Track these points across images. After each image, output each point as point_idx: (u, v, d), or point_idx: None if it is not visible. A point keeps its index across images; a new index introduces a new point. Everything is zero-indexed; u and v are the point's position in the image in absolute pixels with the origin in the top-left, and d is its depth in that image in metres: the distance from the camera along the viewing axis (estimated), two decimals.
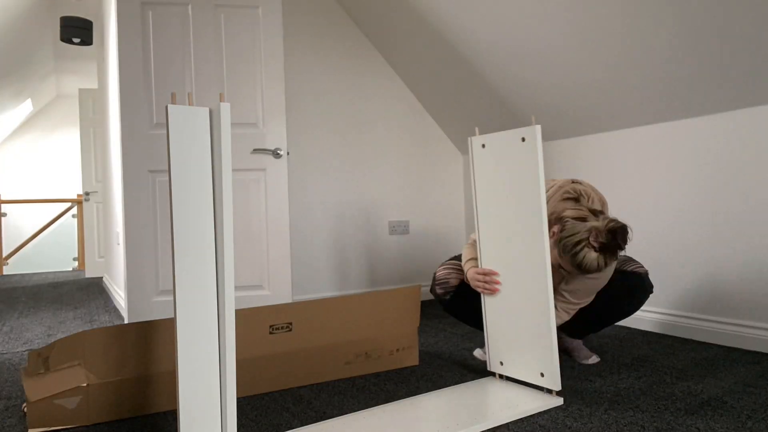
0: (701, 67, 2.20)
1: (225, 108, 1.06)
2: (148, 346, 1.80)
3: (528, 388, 1.77)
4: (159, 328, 1.81)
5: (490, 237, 1.83)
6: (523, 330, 1.75)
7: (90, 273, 5.58)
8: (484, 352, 2.10)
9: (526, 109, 3.07)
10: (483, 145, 1.80)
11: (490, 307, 1.86)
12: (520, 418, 1.56)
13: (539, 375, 1.70)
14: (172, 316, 2.58)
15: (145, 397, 1.80)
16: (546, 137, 3.15)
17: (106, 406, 1.74)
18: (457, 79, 3.31)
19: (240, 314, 1.88)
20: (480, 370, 2.03)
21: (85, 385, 1.71)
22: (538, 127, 1.63)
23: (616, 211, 2.76)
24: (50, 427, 1.70)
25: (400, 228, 3.68)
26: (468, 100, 3.38)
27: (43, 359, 1.68)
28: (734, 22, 1.97)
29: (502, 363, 1.84)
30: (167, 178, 2.75)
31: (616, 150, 2.76)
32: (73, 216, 7.07)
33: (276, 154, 2.89)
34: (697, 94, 2.30)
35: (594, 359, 2.09)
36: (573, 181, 1.90)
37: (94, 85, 7.14)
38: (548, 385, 1.67)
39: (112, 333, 1.76)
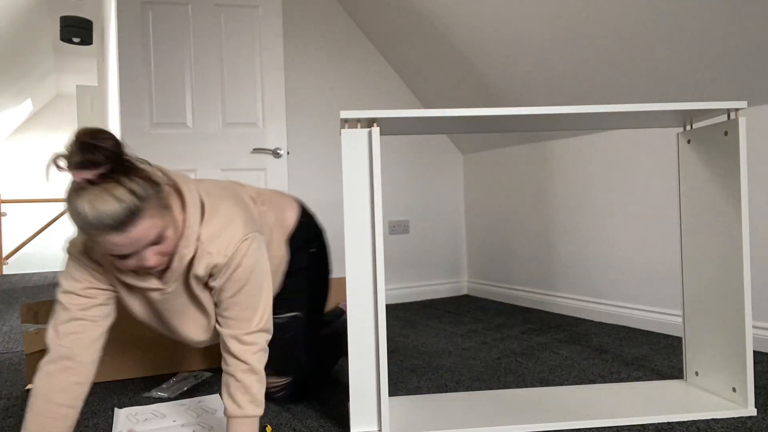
0: (703, 66, 2.20)
1: (376, 131, 1.50)
2: (127, 314, 2.05)
3: (718, 396, 1.68)
4: None
5: (692, 237, 1.75)
6: (718, 339, 1.65)
7: None
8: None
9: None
10: (688, 141, 1.73)
11: (689, 312, 1.77)
12: (703, 419, 1.50)
13: (731, 389, 1.61)
14: None
15: (122, 362, 2.04)
16: (545, 137, 3.15)
17: None
18: (457, 79, 3.31)
19: None
20: (488, 368, 2.03)
21: None
22: (743, 120, 1.52)
23: (615, 210, 2.76)
24: None
25: (400, 228, 3.68)
26: (468, 99, 3.38)
27: (33, 313, 1.94)
28: (735, 22, 1.97)
29: (697, 373, 1.74)
30: None
31: (615, 149, 2.76)
32: None
33: (276, 153, 2.89)
34: (698, 94, 2.30)
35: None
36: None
37: (93, 83, 7.14)
38: (739, 401, 1.57)
39: None
